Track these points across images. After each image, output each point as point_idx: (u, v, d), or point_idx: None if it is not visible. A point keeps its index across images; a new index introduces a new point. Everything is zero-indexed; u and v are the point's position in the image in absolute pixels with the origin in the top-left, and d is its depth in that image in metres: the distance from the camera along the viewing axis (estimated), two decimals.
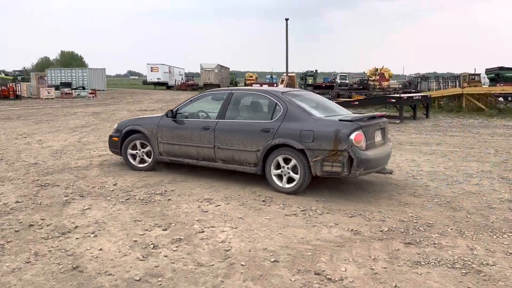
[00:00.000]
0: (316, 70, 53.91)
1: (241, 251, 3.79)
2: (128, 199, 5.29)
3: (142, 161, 6.84)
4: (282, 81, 39.74)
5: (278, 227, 4.38)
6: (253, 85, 37.58)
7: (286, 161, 5.56)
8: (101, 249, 3.78)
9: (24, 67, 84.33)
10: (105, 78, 49.29)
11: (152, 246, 3.86)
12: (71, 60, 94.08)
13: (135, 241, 3.98)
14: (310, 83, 47.12)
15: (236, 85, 65.11)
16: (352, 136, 5.12)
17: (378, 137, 5.71)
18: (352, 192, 5.70)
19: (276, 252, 3.77)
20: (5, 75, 49.57)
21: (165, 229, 4.28)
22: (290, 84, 40.64)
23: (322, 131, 5.28)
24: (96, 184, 5.96)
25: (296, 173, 5.47)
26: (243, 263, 3.53)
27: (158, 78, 54.18)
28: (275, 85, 38.97)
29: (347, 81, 52.51)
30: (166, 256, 3.66)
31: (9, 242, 3.92)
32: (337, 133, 5.18)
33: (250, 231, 4.27)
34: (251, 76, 67.48)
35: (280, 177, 5.64)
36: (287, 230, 4.29)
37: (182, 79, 60.05)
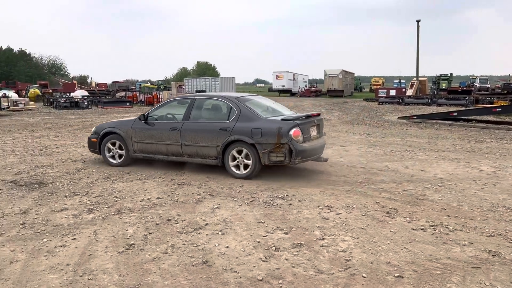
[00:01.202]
0: (451, 74, 49.62)
1: (362, 262, 3.69)
2: (253, 201, 5.55)
3: (119, 157, 7.90)
4: (412, 85, 37.53)
5: (403, 241, 4.16)
6: (379, 90, 36.13)
7: (240, 153, 6.74)
8: (227, 247, 4.05)
9: (166, 77, 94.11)
10: (235, 86, 52.32)
11: (274, 248, 4.00)
12: (205, 69, 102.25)
13: (258, 242, 4.16)
14: (443, 87, 43.62)
15: (361, 91, 63.46)
16: (291, 132, 6.42)
17: (313, 132, 7.07)
18: (488, 208, 5.13)
19: (400, 267, 3.59)
20: (151, 84, 55.98)
21: (286, 233, 4.39)
22: (421, 89, 38.16)
23: (268, 129, 6.53)
24: (225, 185, 6.38)
25: (247, 163, 6.68)
26: (364, 275, 3.45)
27: (282, 85, 55.53)
28: (403, 90, 36.91)
29: (488, 85, 47.19)
30: (287, 260, 3.75)
31: (151, 233, 4.43)
32: (279, 130, 6.44)
33: (372, 242, 4.14)
34: (377, 81, 65.11)
35: (236, 166, 6.81)
36: (414, 245, 4.05)
37: (306, 85, 60.61)
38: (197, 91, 41.26)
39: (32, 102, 30.03)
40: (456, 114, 15.57)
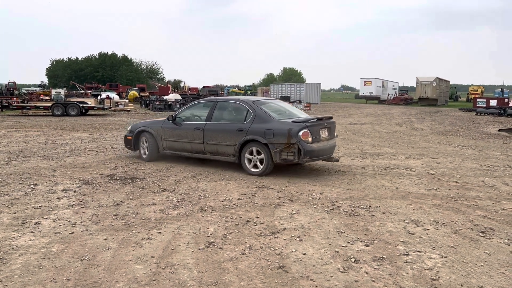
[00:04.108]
0: None
1: (451, 283, 3.40)
2: (333, 209, 5.41)
3: (145, 153, 8.82)
4: None
5: (500, 265, 3.76)
6: (478, 100, 33.39)
7: (255, 152, 7.32)
8: (305, 254, 3.98)
9: (253, 83, 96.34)
10: (320, 92, 51.88)
11: (353, 259, 3.85)
12: (291, 75, 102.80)
13: (337, 251, 4.03)
14: None
15: (457, 100, 59.21)
16: (300, 133, 6.94)
17: (324, 134, 7.54)
18: None
19: None
20: (238, 89, 57.67)
21: (367, 245, 4.20)
22: None
23: (279, 129, 7.10)
24: (305, 191, 6.31)
25: (262, 161, 7.26)
26: None
27: (370, 92, 53.85)
28: (506, 100, 33.68)
29: None
30: (366, 273, 3.59)
31: (230, 233, 4.52)
32: (289, 130, 6.99)
33: (463, 263, 3.80)
34: (476, 90, 60.29)
35: (252, 164, 7.39)
36: None
37: (396, 93, 58.10)
38: (281, 97, 41.58)
39: (131, 104, 32.54)
40: None
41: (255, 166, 7.36)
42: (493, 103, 31.55)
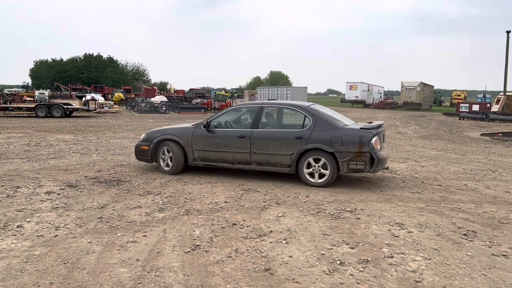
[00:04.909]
0: None
1: (434, 285, 3.45)
2: (319, 212, 5.44)
3: (167, 165, 7.73)
4: (498, 101, 34.80)
5: (482, 267, 3.83)
6: (461, 105, 33.98)
7: (316, 161, 6.73)
8: (291, 256, 3.99)
9: (240, 85, 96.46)
10: (306, 96, 52.13)
11: (338, 262, 3.88)
12: (278, 78, 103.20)
13: (323, 254, 4.06)
14: None
15: (440, 105, 60.13)
16: (373, 141, 6.49)
17: (382, 141, 7.20)
18: None
19: None
20: (225, 92, 57.63)
21: (353, 248, 4.24)
22: (508, 105, 35.25)
23: (349, 137, 6.56)
24: (291, 194, 6.33)
25: (326, 170, 6.68)
26: None
27: (356, 96, 54.35)
28: (488, 105, 34.37)
29: None
30: (352, 275, 3.62)
31: (217, 236, 4.51)
32: (361, 138, 6.49)
33: (446, 265, 3.86)
34: (459, 95, 61.30)
35: (310, 174, 6.80)
36: (494, 273, 3.71)
37: (381, 97, 58.75)
38: (268, 100, 41.68)
39: (116, 106, 32.25)
40: None
41: (315, 176, 6.78)
42: (475, 108, 32.15)
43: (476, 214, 5.48)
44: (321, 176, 6.74)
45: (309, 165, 6.79)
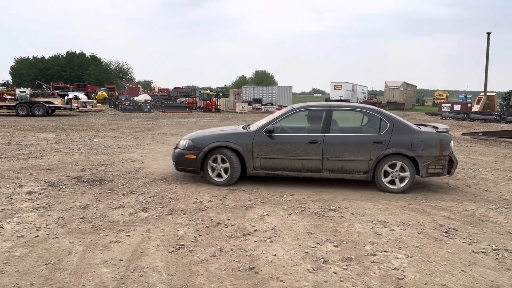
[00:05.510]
0: None
1: (415, 282, 3.51)
2: (303, 210, 5.47)
3: (226, 174, 6.78)
4: (479, 100, 35.52)
5: (462, 264, 3.90)
6: (443, 104, 34.54)
7: (393, 166, 6.52)
8: (275, 255, 4.01)
9: (225, 84, 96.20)
10: (291, 95, 52.31)
11: (322, 260, 3.90)
12: (263, 78, 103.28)
13: (307, 252, 4.08)
14: None
15: (423, 105, 61.05)
16: (451, 144, 6.56)
17: None
18: None
19: None
20: (210, 91, 57.45)
21: (336, 246, 4.27)
22: (489, 105, 36.01)
23: (430, 141, 6.50)
24: (276, 193, 6.35)
25: (405, 176, 6.49)
26: None
27: (340, 96, 54.74)
28: (469, 105, 35.02)
29: None
30: (335, 273, 3.65)
31: (201, 235, 4.50)
32: (442, 142, 6.50)
33: (427, 262, 3.92)
34: (441, 95, 62.38)
35: (389, 180, 6.54)
36: (473, 269, 3.79)
37: (365, 97, 59.35)
38: (254, 99, 41.70)
39: (100, 104, 31.85)
40: None
41: (393, 182, 6.54)
42: (457, 107, 32.79)
43: (457, 212, 5.58)
44: (400, 181, 6.54)
45: (386, 171, 6.55)
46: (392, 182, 6.54)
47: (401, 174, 6.49)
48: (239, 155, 6.74)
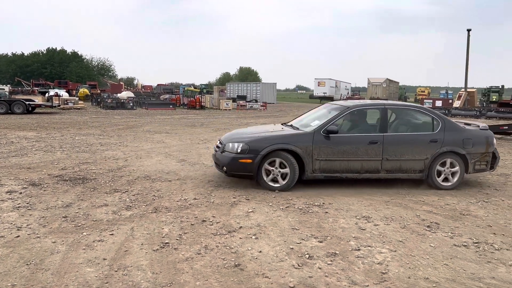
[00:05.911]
0: (502, 86, 47.38)
1: (399, 276, 3.56)
2: (288, 207, 5.49)
3: (283, 178, 6.36)
4: (459, 97, 36.15)
5: (444, 257, 3.97)
6: (425, 101, 35.06)
7: (442, 164, 6.67)
8: (260, 251, 4.01)
9: (209, 81, 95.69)
10: (276, 92, 52.40)
11: (307, 256, 3.93)
12: (247, 74, 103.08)
13: (292, 248, 4.10)
14: (494, 100, 41.69)
15: (405, 100, 61.83)
16: (495, 141, 6.93)
17: None
18: None
19: (439, 284, 3.43)
20: (194, 88, 57.11)
21: (321, 241, 4.30)
22: (469, 100, 36.67)
23: (478, 138, 6.79)
24: (261, 189, 6.35)
25: (455, 173, 6.69)
26: None
27: (324, 92, 55.09)
28: (450, 101, 35.62)
29: None
30: (320, 268, 3.67)
31: (186, 233, 4.47)
32: (487, 139, 6.82)
33: (411, 256, 3.98)
34: (423, 91, 63.24)
35: (443, 178, 6.68)
36: (455, 262, 3.86)
37: (348, 93, 59.81)
38: (238, 96, 41.60)
39: (81, 102, 31.33)
40: (506, 127, 14.76)
41: (446, 179, 6.67)
42: (438, 103, 33.25)
43: (439, 207, 5.68)
44: (446, 179, 6.70)
45: (438, 169, 6.66)
46: (445, 179, 6.69)
47: (452, 170, 6.68)
48: (298, 158, 6.38)
